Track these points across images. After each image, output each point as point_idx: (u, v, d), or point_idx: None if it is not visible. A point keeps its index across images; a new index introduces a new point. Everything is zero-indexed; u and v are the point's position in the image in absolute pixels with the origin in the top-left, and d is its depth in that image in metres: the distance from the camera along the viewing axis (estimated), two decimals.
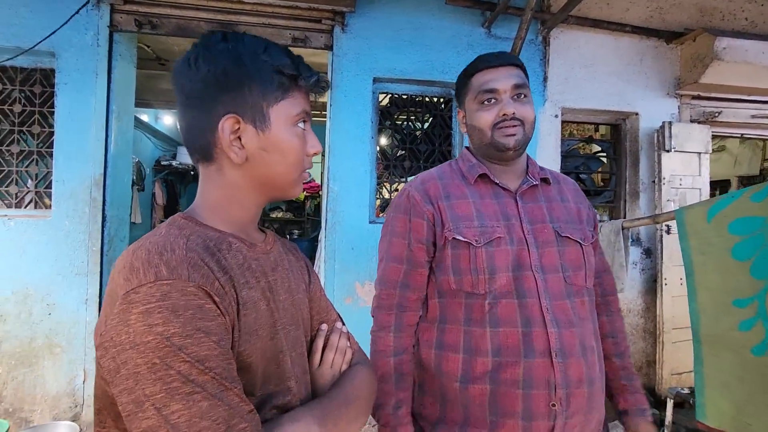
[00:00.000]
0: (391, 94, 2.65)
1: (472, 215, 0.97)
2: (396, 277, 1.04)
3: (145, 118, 5.02)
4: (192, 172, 6.53)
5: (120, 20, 2.31)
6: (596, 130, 3.30)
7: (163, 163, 5.67)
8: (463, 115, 1.06)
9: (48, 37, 2.04)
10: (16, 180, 2.37)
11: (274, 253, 0.72)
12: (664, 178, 2.74)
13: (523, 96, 0.97)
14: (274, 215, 8.73)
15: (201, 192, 0.67)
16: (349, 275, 2.47)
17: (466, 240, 0.94)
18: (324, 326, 0.80)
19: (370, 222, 2.51)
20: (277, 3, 2.35)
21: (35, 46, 2.07)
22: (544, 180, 1.05)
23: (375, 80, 2.55)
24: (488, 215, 0.97)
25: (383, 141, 2.68)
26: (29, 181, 2.39)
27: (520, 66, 1.00)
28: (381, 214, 2.70)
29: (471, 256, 0.94)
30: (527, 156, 1.07)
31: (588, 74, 2.75)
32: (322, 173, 2.65)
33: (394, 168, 2.67)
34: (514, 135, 0.95)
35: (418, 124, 2.72)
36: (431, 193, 1.02)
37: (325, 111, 2.60)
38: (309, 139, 0.67)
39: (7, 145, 2.37)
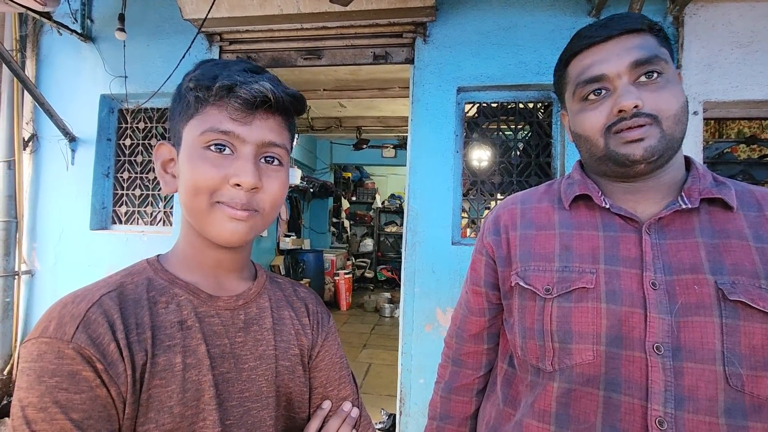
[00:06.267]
0: (479, 103, 2.42)
1: (553, 253, 0.67)
2: (455, 323, 0.84)
3: None
4: (312, 190, 7.13)
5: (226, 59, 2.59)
6: (761, 127, 2.51)
7: None
8: (569, 120, 0.73)
9: (167, 80, 2.38)
10: (151, 202, 2.83)
11: (252, 308, 0.61)
12: None
13: (654, 75, 0.60)
14: (389, 229, 8.97)
15: None
16: (430, 300, 2.30)
17: (531, 288, 0.66)
18: (326, 404, 0.65)
19: (452, 243, 2.31)
20: (359, 23, 2.36)
21: (159, 89, 2.44)
22: (715, 202, 0.63)
23: (460, 90, 2.36)
24: (580, 255, 0.65)
25: (470, 155, 2.46)
26: (160, 202, 2.83)
27: (648, 28, 0.63)
28: (468, 235, 2.47)
29: (537, 312, 0.65)
30: (689, 162, 0.69)
31: (744, 56, 2.11)
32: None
33: (482, 184, 2.43)
34: (641, 140, 0.59)
35: (511, 134, 2.43)
36: (503, 220, 0.76)
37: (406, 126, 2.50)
38: (233, 167, 0.53)
39: (147, 173, 2.85)
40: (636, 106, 0.59)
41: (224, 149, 0.54)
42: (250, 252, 0.67)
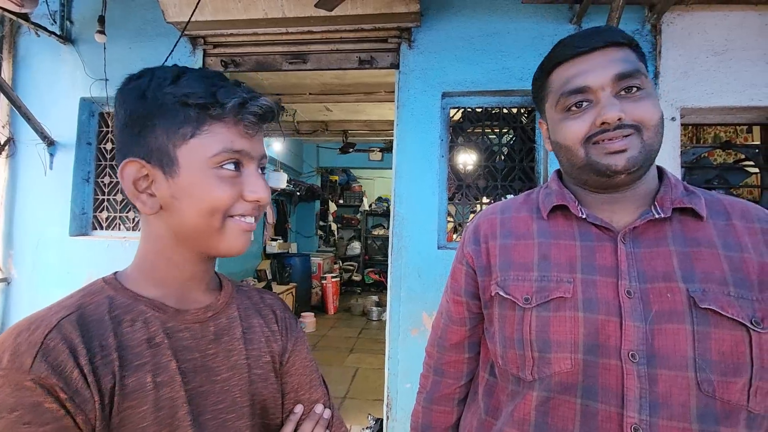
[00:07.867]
0: (464, 108, 2.45)
1: (532, 263, 0.68)
2: (436, 332, 0.85)
3: None
4: (298, 194, 7.09)
5: (210, 63, 2.57)
6: (736, 133, 2.59)
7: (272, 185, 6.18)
8: (547, 128, 0.73)
9: None
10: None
11: (222, 319, 0.61)
12: None
13: (635, 89, 0.61)
14: (376, 232, 8.96)
15: (138, 247, 0.60)
16: (416, 304, 2.31)
17: (511, 298, 0.67)
18: (298, 408, 0.65)
19: (438, 247, 2.32)
20: (344, 28, 2.36)
21: None
22: (686, 211, 0.64)
23: (444, 95, 2.37)
24: (558, 264, 0.66)
25: (455, 159, 2.48)
26: None
27: (628, 43, 0.64)
28: (454, 239, 2.48)
29: (516, 322, 0.65)
30: (662, 173, 0.70)
31: (719, 63, 2.17)
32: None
33: (467, 188, 2.45)
34: (624, 150, 0.60)
35: (495, 138, 2.46)
36: (482, 229, 0.77)
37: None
38: (246, 183, 0.55)
39: None
40: (619, 119, 0.59)
41: (233, 166, 0.55)
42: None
